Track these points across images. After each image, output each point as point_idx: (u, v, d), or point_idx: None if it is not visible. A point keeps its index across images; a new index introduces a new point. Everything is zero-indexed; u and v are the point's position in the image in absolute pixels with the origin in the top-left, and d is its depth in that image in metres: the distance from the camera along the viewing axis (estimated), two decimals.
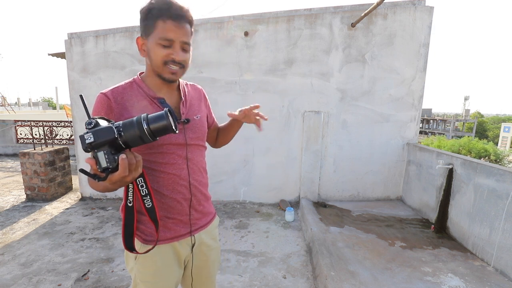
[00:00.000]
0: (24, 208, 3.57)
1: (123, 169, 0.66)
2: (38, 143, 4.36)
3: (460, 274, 2.00)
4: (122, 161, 0.66)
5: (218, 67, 3.55)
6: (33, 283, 2.10)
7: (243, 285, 2.09)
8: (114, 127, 0.67)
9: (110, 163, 0.66)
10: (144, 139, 0.69)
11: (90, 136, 0.65)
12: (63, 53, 4.08)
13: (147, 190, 0.83)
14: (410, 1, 3.24)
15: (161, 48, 0.84)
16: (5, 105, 23.04)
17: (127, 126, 0.67)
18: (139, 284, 0.97)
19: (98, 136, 0.65)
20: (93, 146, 0.65)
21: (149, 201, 0.84)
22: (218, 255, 1.16)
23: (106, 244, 2.69)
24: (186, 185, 0.97)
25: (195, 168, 1.00)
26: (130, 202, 0.82)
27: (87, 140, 0.64)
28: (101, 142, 0.65)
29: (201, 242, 1.05)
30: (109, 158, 0.66)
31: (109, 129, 0.66)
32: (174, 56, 0.85)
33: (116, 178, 0.67)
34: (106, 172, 0.67)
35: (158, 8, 0.82)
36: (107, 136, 0.65)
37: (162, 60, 0.85)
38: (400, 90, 3.42)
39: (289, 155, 3.68)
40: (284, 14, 3.39)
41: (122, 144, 0.68)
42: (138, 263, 0.95)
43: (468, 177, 2.38)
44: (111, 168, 0.66)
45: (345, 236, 2.59)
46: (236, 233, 2.94)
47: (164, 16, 0.82)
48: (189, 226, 1.00)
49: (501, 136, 37.95)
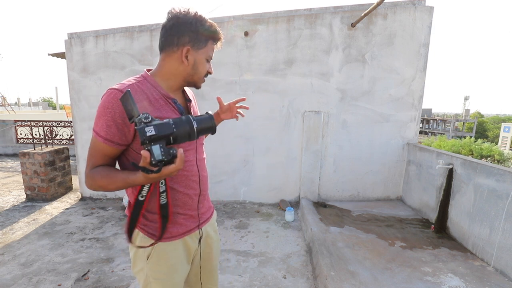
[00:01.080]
0: (24, 208, 3.57)
1: (181, 162, 0.73)
2: (38, 143, 4.36)
3: (460, 274, 2.00)
4: (180, 155, 0.72)
5: (218, 67, 3.55)
6: (33, 283, 2.10)
7: (243, 285, 2.09)
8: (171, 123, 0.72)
9: (165, 156, 0.69)
10: (191, 136, 0.76)
11: (151, 129, 0.68)
12: (63, 53, 4.08)
13: (165, 187, 0.87)
14: (410, 1, 3.24)
15: (206, 64, 0.97)
16: (5, 105, 23.04)
17: (178, 124, 0.73)
18: (152, 282, 0.98)
19: (159, 130, 0.69)
20: (153, 139, 0.68)
21: (165, 198, 0.88)
22: (219, 247, 1.23)
23: (106, 244, 2.69)
24: (197, 181, 1.02)
25: (201, 164, 1.05)
26: (143, 197, 0.84)
27: (148, 133, 0.67)
28: (160, 136, 0.69)
29: (207, 234, 1.11)
30: (165, 152, 0.69)
31: (167, 125, 0.71)
32: (211, 70, 1.00)
33: (170, 170, 0.72)
34: (160, 165, 0.69)
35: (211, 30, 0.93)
36: (167, 131, 0.70)
37: (205, 73, 0.98)
38: (400, 90, 3.42)
39: (289, 155, 3.68)
40: (284, 14, 3.39)
41: (171, 140, 0.72)
42: (151, 262, 0.97)
43: (468, 177, 2.38)
44: (165, 161, 0.70)
45: (345, 236, 2.59)
46: (236, 233, 2.94)
47: (214, 40, 0.96)
48: (197, 220, 1.04)
49: (501, 136, 37.93)
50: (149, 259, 0.96)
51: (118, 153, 0.89)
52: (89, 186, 0.89)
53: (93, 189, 0.89)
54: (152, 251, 0.96)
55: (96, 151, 0.87)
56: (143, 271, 0.98)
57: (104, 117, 0.83)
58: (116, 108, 0.82)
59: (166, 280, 0.98)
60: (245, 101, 1.25)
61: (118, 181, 0.83)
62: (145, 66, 3.64)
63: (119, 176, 0.83)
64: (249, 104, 3.60)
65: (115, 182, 0.83)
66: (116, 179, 0.83)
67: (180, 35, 0.89)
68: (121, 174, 0.84)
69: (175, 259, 0.99)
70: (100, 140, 0.84)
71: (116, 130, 0.83)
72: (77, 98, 3.80)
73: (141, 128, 0.68)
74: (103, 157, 0.88)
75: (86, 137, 3.89)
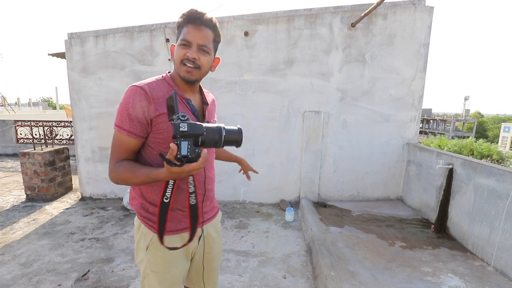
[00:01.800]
0: (24, 208, 3.57)
1: (203, 161, 0.76)
2: (38, 143, 4.36)
3: (460, 274, 2.00)
4: (204, 154, 0.76)
5: (218, 67, 3.53)
6: (33, 283, 2.10)
7: (243, 285, 2.09)
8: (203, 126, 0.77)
9: (190, 153, 0.74)
10: (217, 145, 0.81)
11: (185, 126, 0.74)
12: (63, 53, 4.08)
13: (194, 188, 0.89)
14: (410, 1, 3.24)
15: (181, 49, 0.92)
16: (5, 105, 23.04)
17: (209, 130, 0.78)
18: (149, 274, 1.00)
19: (192, 128, 0.75)
20: (183, 135, 0.74)
21: (194, 199, 0.90)
22: (221, 248, 1.23)
23: (106, 244, 2.69)
24: (201, 181, 1.03)
25: (209, 166, 1.07)
26: (167, 199, 0.86)
27: (181, 128, 0.73)
28: (191, 134, 0.74)
29: (208, 234, 1.12)
30: (191, 149, 0.74)
31: (200, 126, 0.76)
32: (189, 54, 0.90)
33: (191, 167, 0.75)
34: (184, 160, 0.74)
35: (185, 17, 0.91)
36: (198, 131, 0.76)
37: (180, 59, 0.92)
38: (400, 90, 3.42)
39: (289, 155, 3.68)
40: (284, 14, 3.39)
41: (199, 142, 0.77)
42: (149, 254, 0.99)
43: (468, 177, 2.38)
44: (189, 158, 0.74)
45: (345, 236, 2.59)
46: (236, 233, 2.94)
47: (187, 22, 0.91)
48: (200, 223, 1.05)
49: (501, 136, 37.90)
50: (148, 250, 0.99)
51: (139, 146, 0.94)
52: (112, 179, 0.92)
53: (116, 182, 0.92)
54: (151, 243, 0.98)
55: (120, 145, 0.92)
56: (143, 262, 1.01)
57: (127, 111, 0.89)
58: (137, 103, 0.88)
59: (163, 274, 0.99)
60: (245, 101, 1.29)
61: (140, 175, 0.86)
62: (145, 66, 3.64)
63: (142, 170, 0.87)
64: (249, 104, 3.63)
65: (137, 177, 0.87)
66: (138, 173, 0.87)
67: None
68: (144, 168, 0.87)
69: (172, 254, 0.99)
70: (124, 133, 0.90)
71: (137, 123, 0.89)
72: (77, 98, 3.79)
73: (176, 123, 0.73)
74: (127, 151, 0.93)
75: (86, 137, 3.88)
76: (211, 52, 0.95)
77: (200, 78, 0.97)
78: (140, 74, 3.63)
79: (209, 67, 0.98)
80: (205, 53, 0.93)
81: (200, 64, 0.92)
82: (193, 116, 0.95)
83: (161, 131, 0.91)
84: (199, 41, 0.90)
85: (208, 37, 0.92)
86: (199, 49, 0.91)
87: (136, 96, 0.89)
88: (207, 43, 0.92)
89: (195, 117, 0.96)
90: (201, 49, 0.92)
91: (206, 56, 0.94)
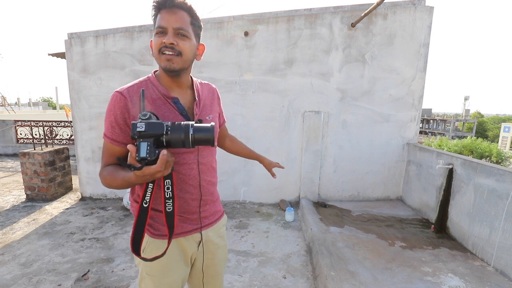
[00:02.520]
0: (24, 208, 3.57)
1: (161, 163, 0.70)
2: (38, 143, 4.36)
3: (460, 274, 2.00)
4: (162, 156, 0.70)
5: (218, 67, 3.55)
6: (33, 283, 2.10)
7: (243, 285, 2.09)
8: (164, 125, 0.72)
9: (150, 155, 0.70)
10: (186, 144, 0.74)
11: (142, 125, 0.70)
12: (63, 53, 4.08)
13: (171, 194, 0.85)
14: (410, 1, 3.24)
15: (156, 38, 0.86)
16: (5, 105, 23.04)
17: (175, 128, 0.73)
18: (145, 277, 0.99)
19: (149, 127, 0.70)
20: (141, 135, 0.70)
21: (171, 205, 0.86)
22: (225, 253, 1.17)
23: (106, 244, 2.69)
24: (196, 185, 0.99)
25: (205, 169, 1.02)
26: (146, 203, 0.83)
27: (138, 129, 0.70)
28: (149, 133, 0.70)
29: (208, 239, 1.07)
30: (150, 151, 0.70)
31: (160, 125, 0.72)
32: (165, 40, 0.83)
33: (150, 171, 0.70)
34: (143, 163, 0.70)
35: (156, 4, 0.86)
36: (157, 130, 0.71)
37: (157, 48, 0.85)
38: (400, 90, 3.42)
39: (289, 155, 3.68)
40: (284, 14, 3.39)
41: (164, 142, 0.73)
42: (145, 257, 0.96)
43: (468, 177, 2.38)
44: (148, 160, 0.70)
45: (345, 236, 2.59)
46: (236, 233, 2.94)
47: (158, 9, 0.86)
48: (195, 223, 1.02)
49: (501, 136, 37.91)
50: (143, 253, 0.96)
51: (125, 152, 0.92)
52: (102, 183, 0.92)
53: (105, 186, 0.91)
54: (146, 246, 0.96)
55: (106, 151, 0.92)
56: (140, 264, 1.00)
57: (109, 118, 0.88)
58: (117, 110, 0.87)
59: (159, 278, 0.97)
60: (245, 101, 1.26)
61: (118, 179, 0.84)
62: (145, 66, 3.64)
63: (120, 174, 0.85)
64: (249, 104, 3.63)
65: (116, 180, 0.85)
66: (117, 176, 0.85)
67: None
68: (122, 172, 0.85)
69: (168, 258, 0.97)
70: (108, 140, 0.90)
71: (119, 130, 0.88)
72: (77, 98, 3.79)
73: (134, 123, 0.70)
74: (112, 156, 0.91)
75: (86, 137, 3.88)
76: (190, 36, 0.88)
77: (184, 66, 0.89)
78: (140, 74, 3.63)
79: (192, 53, 0.90)
80: (184, 37, 0.86)
81: (179, 50, 0.85)
82: (180, 117, 0.91)
83: None
84: (174, 25, 0.83)
85: (183, 20, 0.85)
86: (175, 33, 0.84)
87: (116, 103, 0.86)
88: (183, 26, 0.85)
89: (184, 117, 0.91)
90: (178, 33, 0.84)
91: (186, 40, 0.86)
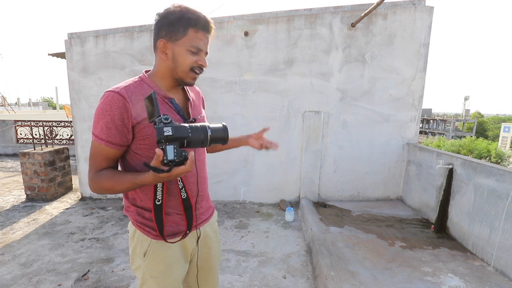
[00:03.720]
0: (24, 208, 3.57)
1: (190, 164, 0.74)
2: (38, 143, 4.36)
3: (460, 274, 2.00)
4: (191, 157, 0.74)
5: (218, 67, 3.55)
6: (33, 283, 2.10)
7: (243, 285, 2.09)
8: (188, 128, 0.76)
9: (177, 157, 0.72)
10: (204, 144, 0.79)
11: (169, 130, 0.71)
12: (63, 53, 4.08)
13: (182, 184, 0.92)
14: (410, 1, 3.24)
15: (190, 55, 0.88)
16: (5, 105, 23.03)
17: (193, 130, 0.77)
18: (148, 280, 0.98)
19: (176, 131, 0.73)
20: (168, 139, 0.72)
21: (185, 193, 0.94)
22: (219, 248, 1.21)
23: (106, 244, 2.69)
24: (194, 182, 1.01)
25: (201, 165, 1.04)
26: (159, 201, 0.87)
27: (166, 133, 0.71)
28: (176, 137, 0.73)
29: (205, 234, 1.10)
30: (177, 153, 0.72)
31: (184, 128, 0.75)
32: (202, 63, 0.91)
33: (180, 171, 0.74)
34: (171, 165, 0.72)
35: (191, 17, 0.86)
36: (183, 134, 0.74)
37: (189, 66, 0.90)
38: (400, 90, 3.42)
39: (289, 155, 3.68)
40: (284, 14, 3.39)
41: (185, 144, 0.76)
42: (148, 260, 0.97)
43: (468, 177, 2.38)
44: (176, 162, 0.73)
45: (345, 236, 2.59)
46: (236, 233, 2.94)
47: (197, 26, 0.87)
48: (194, 220, 1.03)
49: (501, 136, 37.90)
50: (146, 256, 0.97)
51: (119, 154, 0.90)
52: (93, 189, 0.89)
53: (98, 192, 0.89)
54: (148, 249, 0.96)
55: (98, 154, 0.87)
56: (140, 269, 0.99)
57: (104, 119, 0.83)
58: (115, 110, 0.83)
59: (163, 279, 0.98)
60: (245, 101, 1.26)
61: (125, 182, 0.83)
62: (145, 66, 3.63)
63: (127, 177, 0.84)
64: (249, 104, 3.63)
65: (122, 184, 0.84)
66: (122, 180, 0.84)
67: (158, 31, 0.88)
68: (129, 175, 0.84)
69: (172, 258, 0.98)
70: (102, 142, 0.85)
71: (116, 132, 0.84)
72: (77, 98, 3.80)
73: (159, 127, 0.71)
74: (106, 160, 0.88)
75: (86, 137, 3.88)
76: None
77: None
78: (140, 74, 3.63)
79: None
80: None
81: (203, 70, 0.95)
82: (178, 116, 0.93)
83: (146, 136, 0.87)
84: (207, 49, 0.93)
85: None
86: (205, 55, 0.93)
87: (113, 103, 0.83)
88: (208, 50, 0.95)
89: (181, 117, 0.93)
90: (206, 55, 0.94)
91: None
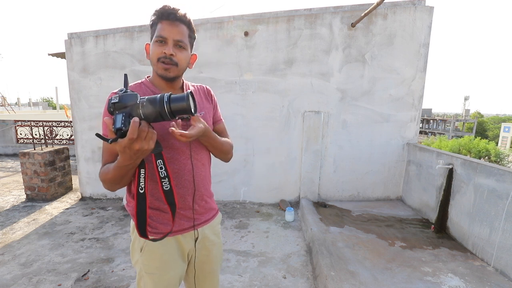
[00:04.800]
0: (24, 208, 3.57)
1: (132, 130, 0.69)
2: (38, 143, 4.36)
3: (460, 274, 2.00)
4: (133, 123, 0.69)
5: (218, 67, 3.55)
6: (33, 283, 2.10)
7: (243, 285, 2.09)
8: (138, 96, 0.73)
9: (125, 125, 0.70)
10: (163, 116, 0.74)
11: (116, 97, 0.72)
12: (63, 53, 4.08)
13: (166, 173, 0.86)
14: (410, 1, 3.24)
15: (156, 46, 0.91)
16: (5, 105, 23.03)
17: (150, 100, 0.73)
18: (144, 276, 0.99)
19: (123, 98, 0.72)
20: (116, 107, 0.71)
21: (167, 184, 0.87)
22: (220, 250, 1.18)
23: (106, 244, 2.69)
24: (190, 180, 0.99)
25: (199, 164, 1.02)
26: (142, 189, 0.83)
27: (112, 100, 0.71)
28: (123, 104, 0.71)
29: (204, 236, 1.07)
30: (125, 121, 0.70)
31: (133, 95, 0.73)
32: (165, 50, 0.89)
33: (125, 141, 0.70)
34: (119, 133, 0.70)
35: (158, 14, 0.91)
36: (130, 100, 0.72)
37: (156, 57, 0.91)
38: (400, 90, 3.42)
39: (289, 155, 3.68)
40: (284, 14, 3.39)
41: (142, 115, 0.72)
42: (144, 256, 0.98)
43: (468, 177, 2.38)
44: (123, 131, 0.70)
45: (345, 236, 2.59)
46: (236, 233, 2.94)
47: (162, 18, 0.90)
48: (192, 220, 1.03)
49: (501, 136, 37.90)
50: (142, 252, 0.98)
51: None
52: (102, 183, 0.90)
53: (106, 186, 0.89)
54: (144, 245, 0.97)
55: (106, 150, 0.92)
56: (138, 264, 1.00)
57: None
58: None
59: (158, 275, 0.98)
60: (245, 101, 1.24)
61: (111, 168, 0.84)
62: (145, 66, 3.64)
63: (112, 164, 0.85)
64: (249, 104, 3.63)
65: (110, 170, 0.84)
66: (110, 168, 0.85)
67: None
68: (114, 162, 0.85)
69: (167, 256, 0.98)
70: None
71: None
72: (77, 98, 3.80)
73: (109, 98, 0.73)
74: (111, 155, 0.91)
75: (86, 137, 3.88)
76: (187, 48, 0.94)
77: (178, 74, 0.95)
78: (140, 74, 3.63)
79: (186, 63, 0.97)
80: (182, 49, 0.93)
81: (177, 61, 0.91)
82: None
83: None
84: (175, 37, 0.90)
85: (183, 33, 0.92)
86: (175, 45, 0.90)
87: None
88: (183, 39, 0.91)
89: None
90: (177, 44, 0.91)
91: (183, 52, 0.93)
